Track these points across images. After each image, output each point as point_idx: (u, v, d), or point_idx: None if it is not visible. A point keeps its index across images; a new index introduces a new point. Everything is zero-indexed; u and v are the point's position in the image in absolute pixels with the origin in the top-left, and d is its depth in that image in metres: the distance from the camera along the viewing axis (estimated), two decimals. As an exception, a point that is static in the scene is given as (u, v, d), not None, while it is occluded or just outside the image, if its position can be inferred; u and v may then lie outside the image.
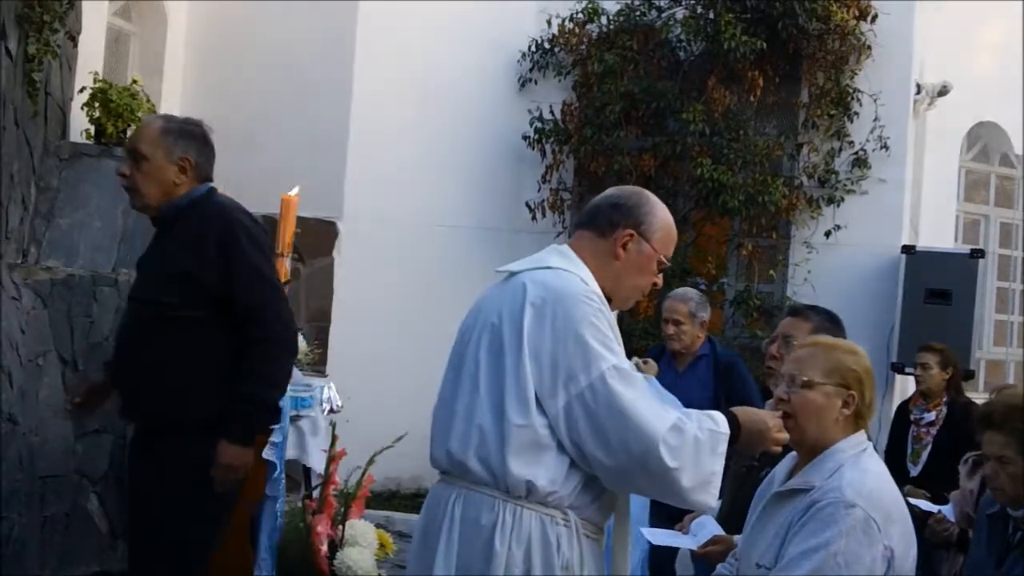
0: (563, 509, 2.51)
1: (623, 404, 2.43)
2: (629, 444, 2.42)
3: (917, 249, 7.78)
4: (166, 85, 7.80)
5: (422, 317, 7.74)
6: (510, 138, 8.12)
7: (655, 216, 2.70)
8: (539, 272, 2.60)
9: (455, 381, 2.62)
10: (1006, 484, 3.16)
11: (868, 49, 7.84)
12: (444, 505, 2.57)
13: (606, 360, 2.46)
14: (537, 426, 2.47)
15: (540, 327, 2.49)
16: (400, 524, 6.22)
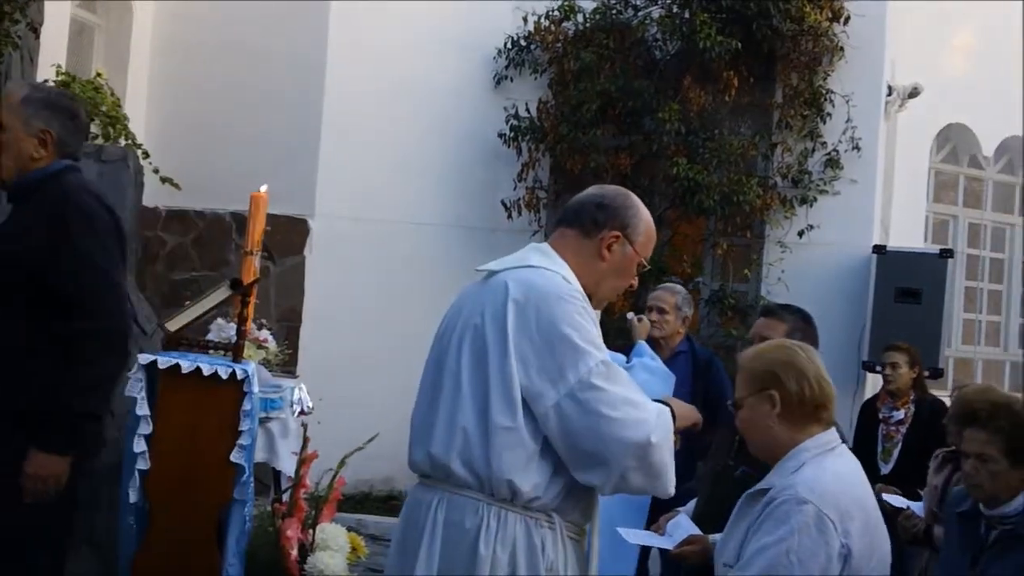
0: (548, 512, 2.50)
1: (613, 398, 2.44)
2: (625, 435, 2.44)
3: (888, 249, 7.84)
4: (131, 80, 7.70)
5: (396, 317, 7.68)
6: (486, 136, 8.07)
7: (640, 219, 2.70)
8: (520, 271, 2.57)
9: (436, 383, 2.58)
10: (985, 482, 3.17)
11: (841, 50, 7.88)
12: (426, 509, 2.53)
13: (593, 357, 2.46)
14: (523, 428, 2.45)
15: (524, 327, 2.47)
16: (373, 527, 6.16)
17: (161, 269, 7.98)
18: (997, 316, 10.41)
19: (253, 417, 4.21)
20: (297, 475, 4.46)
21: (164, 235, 8.01)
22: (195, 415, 4.20)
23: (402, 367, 7.73)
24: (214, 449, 4.16)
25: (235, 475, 4.18)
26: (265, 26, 7.77)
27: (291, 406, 4.79)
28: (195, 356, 4.28)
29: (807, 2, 7.69)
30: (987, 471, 3.15)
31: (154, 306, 6.96)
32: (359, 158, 7.79)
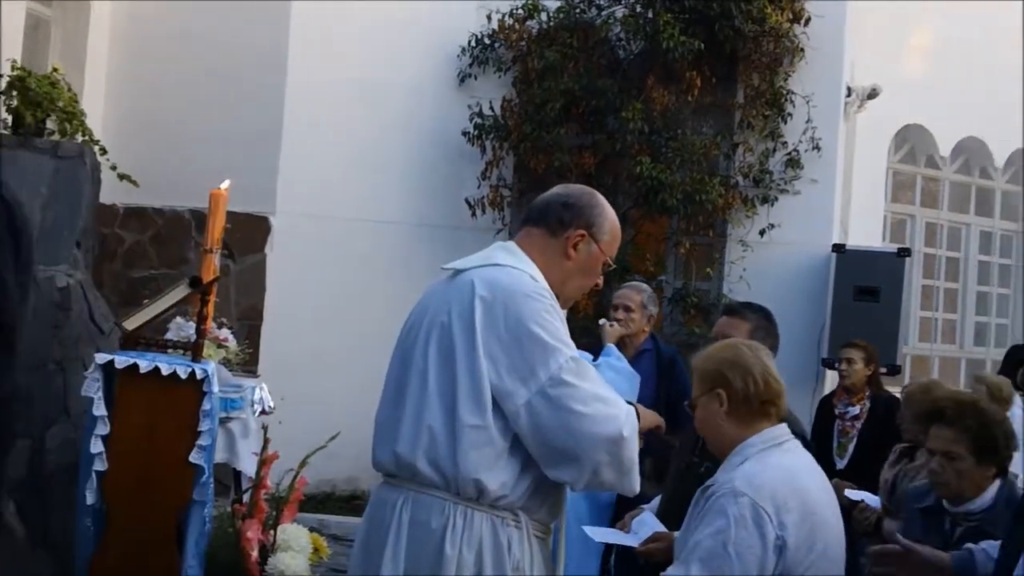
0: (514, 511, 2.49)
1: (584, 394, 2.44)
2: (598, 431, 2.44)
3: (847, 248, 7.92)
4: (88, 75, 7.59)
5: (358, 315, 7.63)
6: (449, 134, 8.04)
7: (606, 218, 2.70)
8: (487, 269, 2.57)
9: (401, 381, 2.57)
10: (952, 479, 3.20)
11: (801, 52, 7.94)
12: (391, 508, 2.51)
13: (562, 353, 2.46)
14: (492, 427, 2.44)
15: (492, 325, 2.47)
16: (335, 527, 6.11)
17: (119, 267, 7.87)
18: (953, 314, 10.55)
19: (213, 417, 4.18)
20: (258, 475, 4.42)
21: (122, 232, 7.90)
22: (153, 415, 4.16)
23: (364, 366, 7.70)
24: (173, 450, 4.12)
25: (194, 476, 4.14)
26: (226, 21, 7.69)
27: (252, 406, 4.75)
28: (153, 355, 4.24)
29: (768, 3, 7.75)
30: (953, 469, 3.19)
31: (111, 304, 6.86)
32: (321, 155, 7.73)
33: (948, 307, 10.52)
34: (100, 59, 7.71)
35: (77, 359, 4.83)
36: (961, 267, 10.63)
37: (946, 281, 10.51)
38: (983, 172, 10.76)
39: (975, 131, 10.25)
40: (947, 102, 9.70)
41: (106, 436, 4.11)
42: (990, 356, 10.57)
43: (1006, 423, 3.28)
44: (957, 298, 10.59)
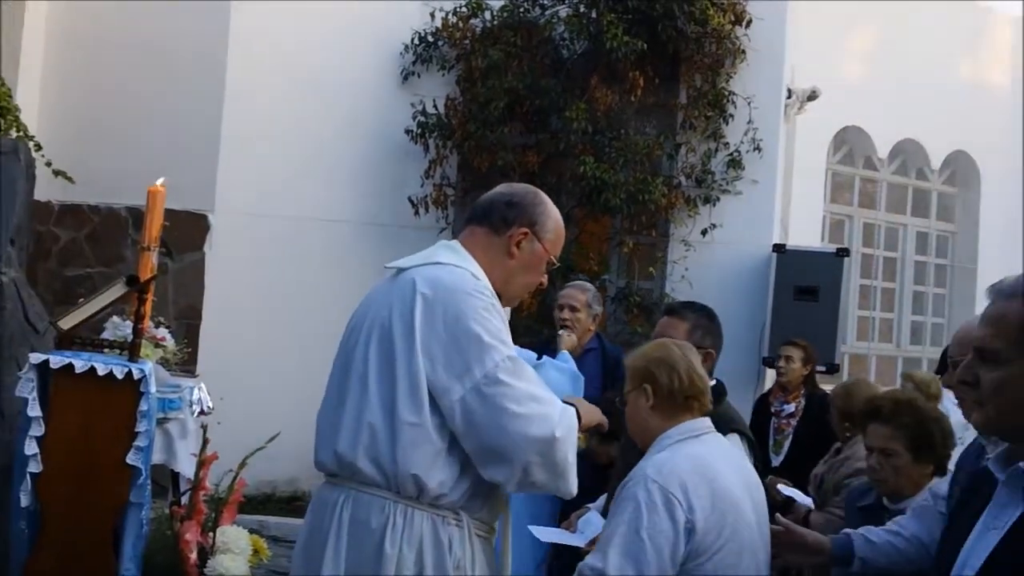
0: (455, 510, 2.49)
1: (518, 394, 2.44)
2: (529, 431, 2.42)
3: (787, 248, 8.02)
4: (23, 71, 7.45)
5: (299, 315, 7.57)
6: (392, 132, 8.01)
7: (549, 217, 2.71)
8: (428, 268, 2.58)
9: (342, 381, 2.56)
10: (889, 476, 3.26)
11: (743, 53, 8.03)
12: (331, 508, 2.51)
13: (499, 351, 2.46)
14: (429, 424, 2.44)
15: (431, 322, 2.46)
16: (275, 528, 6.06)
17: (54, 265, 7.74)
18: (890, 313, 10.75)
19: (150, 418, 4.12)
20: (197, 477, 4.36)
21: (57, 230, 7.76)
22: (89, 416, 4.10)
23: (305, 366, 7.67)
24: (110, 451, 4.06)
25: (132, 477, 4.09)
26: (165, 18, 7.59)
27: (190, 406, 4.69)
28: (89, 355, 4.17)
29: (710, 5, 7.82)
30: (891, 465, 3.25)
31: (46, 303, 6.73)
32: (261, 153, 7.66)
33: (885, 306, 10.71)
34: (36, 55, 7.57)
35: (11, 359, 4.74)
36: (898, 267, 10.82)
37: (883, 281, 10.69)
38: (920, 174, 10.97)
39: (912, 133, 10.44)
40: (885, 104, 9.87)
41: (41, 437, 4.03)
42: (926, 355, 10.79)
43: (943, 421, 3.35)
44: (894, 297, 10.79)
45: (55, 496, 4.06)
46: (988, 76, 10.80)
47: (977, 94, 10.55)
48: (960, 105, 10.32)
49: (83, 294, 5.60)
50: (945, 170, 11.04)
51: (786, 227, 8.78)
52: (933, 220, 11.07)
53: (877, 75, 9.85)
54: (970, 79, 10.62)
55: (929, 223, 11.04)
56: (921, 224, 10.98)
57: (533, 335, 5.28)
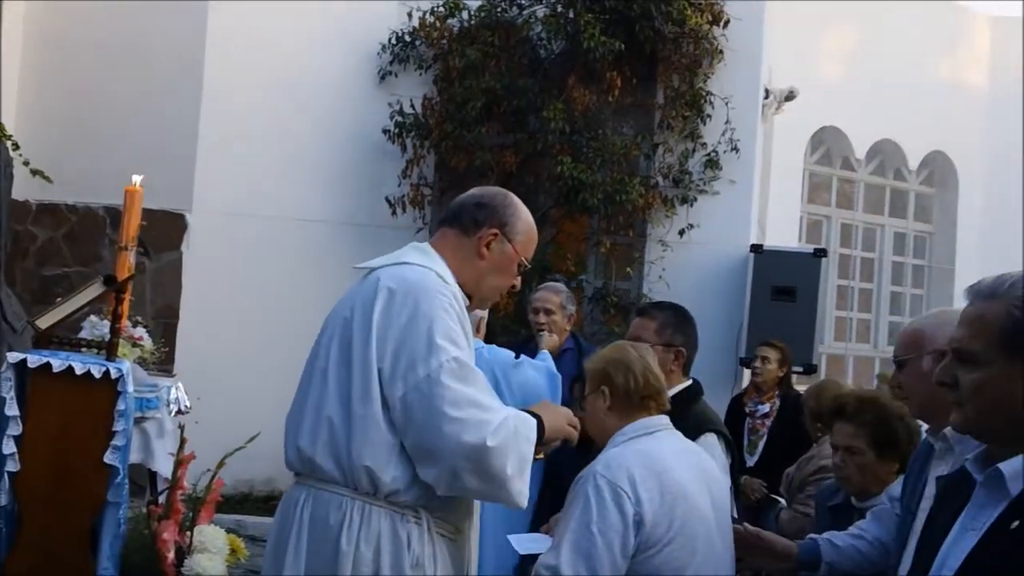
0: (415, 508, 2.47)
1: (456, 397, 2.40)
2: (462, 436, 2.38)
3: (764, 248, 8.04)
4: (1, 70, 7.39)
5: (276, 314, 7.57)
6: (370, 132, 8.01)
7: (519, 218, 2.70)
8: (395, 267, 2.58)
9: (307, 378, 2.57)
10: (853, 474, 3.29)
11: (720, 53, 8.06)
12: (294, 506, 2.51)
13: (446, 352, 2.43)
14: (380, 417, 2.43)
15: (388, 317, 2.46)
16: (252, 528, 6.06)
17: (31, 264, 7.71)
18: (867, 314, 10.80)
19: (128, 417, 4.12)
20: (174, 476, 4.36)
21: (35, 229, 7.74)
22: (67, 415, 4.09)
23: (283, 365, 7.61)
24: (87, 450, 4.06)
25: (109, 477, 4.08)
26: (142, 18, 7.58)
27: (168, 405, 4.69)
28: (67, 354, 4.16)
29: (688, 5, 7.84)
30: (855, 463, 3.29)
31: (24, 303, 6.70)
32: (239, 153, 7.65)
33: (863, 307, 10.76)
34: (14, 54, 7.53)
35: (-13, 358, 4.72)
36: (876, 267, 10.88)
37: (861, 281, 10.74)
38: (897, 174, 11.03)
39: (890, 134, 10.50)
40: (862, 105, 9.92)
41: (19, 436, 4.02)
42: (902, 354, 10.84)
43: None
44: (872, 298, 10.85)
45: (33, 495, 4.05)
46: (965, 76, 10.87)
47: (955, 94, 10.62)
48: (938, 105, 10.39)
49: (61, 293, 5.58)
50: (923, 170, 11.11)
51: (763, 227, 8.82)
52: (911, 221, 11.14)
53: (854, 75, 9.91)
54: (948, 79, 10.69)
55: (907, 224, 11.10)
56: (899, 225, 11.04)
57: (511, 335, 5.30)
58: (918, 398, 2.61)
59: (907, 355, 2.61)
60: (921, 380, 2.55)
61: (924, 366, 2.55)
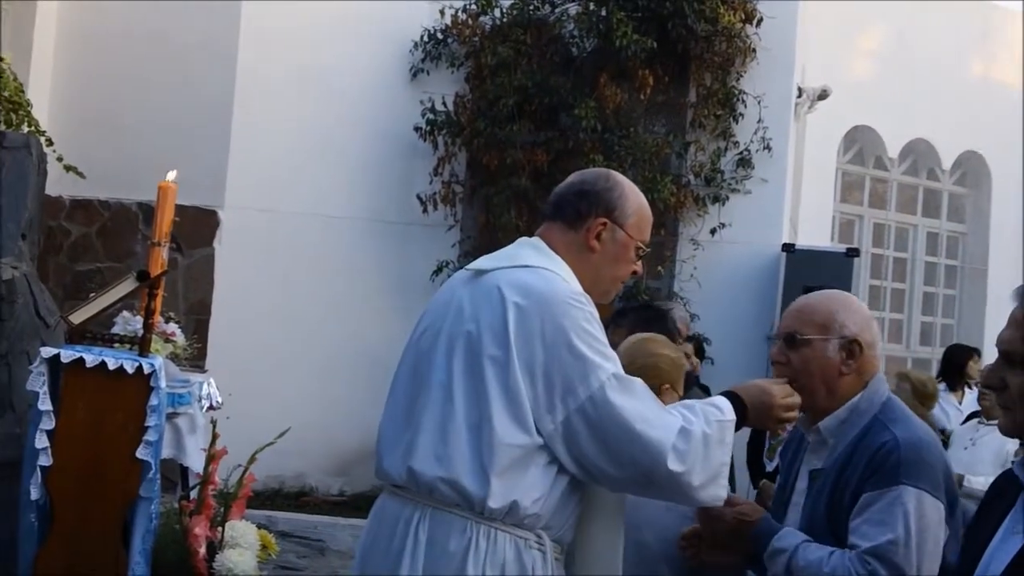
0: (536, 531, 2.31)
1: (626, 416, 2.24)
2: (636, 456, 2.24)
3: (796, 247, 7.99)
4: (35, 65, 7.48)
5: (308, 311, 7.59)
6: (401, 129, 8.01)
7: (627, 200, 2.46)
8: (516, 271, 2.35)
9: (418, 390, 2.36)
10: None
11: (753, 52, 8.02)
12: (405, 525, 2.32)
13: (604, 370, 2.25)
14: (531, 446, 2.26)
15: (529, 337, 2.26)
16: (283, 524, 6.08)
17: (64, 260, 7.77)
18: (900, 314, 10.72)
19: (160, 412, 4.12)
20: (206, 471, 4.36)
21: (68, 225, 7.79)
22: (100, 410, 4.09)
23: (314, 361, 7.72)
24: (119, 445, 4.06)
25: (141, 472, 4.08)
26: (175, 15, 7.62)
27: (199, 401, 4.69)
28: (100, 350, 4.17)
29: (721, 3, 7.80)
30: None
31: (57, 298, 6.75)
32: (271, 149, 7.68)
33: (895, 307, 10.68)
34: (47, 50, 7.60)
35: (22, 353, 4.74)
36: (908, 267, 10.80)
37: (893, 281, 10.67)
38: (931, 174, 10.94)
39: (923, 133, 10.42)
40: (896, 104, 9.85)
41: (51, 431, 4.03)
42: (935, 356, 10.75)
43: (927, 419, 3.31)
44: (904, 298, 10.77)
45: (65, 490, 4.06)
46: (999, 75, 10.76)
47: (988, 94, 10.51)
48: (971, 105, 10.29)
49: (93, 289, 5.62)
50: (956, 170, 11.01)
51: (795, 227, 8.77)
52: (944, 221, 11.04)
53: (888, 74, 9.83)
54: (981, 78, 10.59)
55: (940, 224, 11.01)
56: (932, 225, 10.96)
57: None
58: (810, 381, 2.46)
59: (813, 335, 2.46)
60: (821, 363, 2.45)
61: (829, 350, 2.45)
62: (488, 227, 7.64)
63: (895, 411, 2.45)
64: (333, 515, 6.93)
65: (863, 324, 2.49)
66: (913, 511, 2.29)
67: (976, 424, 5.92)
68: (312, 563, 6.08)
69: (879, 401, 2.46)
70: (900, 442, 2.35)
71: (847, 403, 2.46)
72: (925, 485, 2.31)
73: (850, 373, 2.46)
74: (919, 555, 2.29)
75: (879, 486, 2.32)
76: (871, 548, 2.29)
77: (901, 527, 2.28)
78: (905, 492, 2.30)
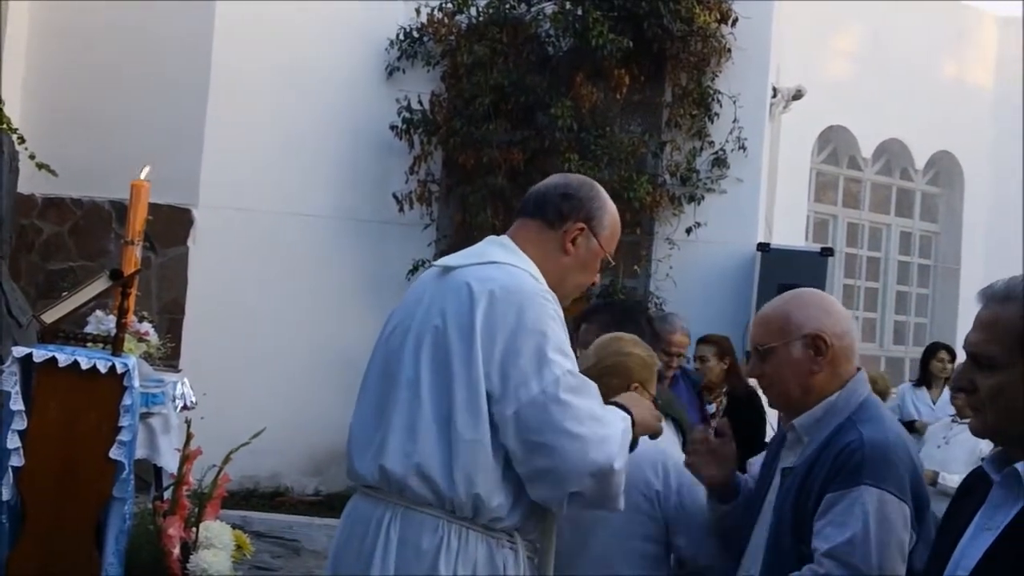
0: (509, 531, 2.32)
1: (579, 412, 2.26)
2: (587, 454, 2.24)
3: (771, 247, 8.03)
4: (6, 63, 7.37)
5: (282, 310, 7.56)
6: (377, 127, 7.99)
7: (606, 212, 2.51)
8: (484, 268, 2.37)
9: (387, 389, 2.37)
10: None
11: (728, 52, 8.05)
12: (376, 525, 2.32)
13: (559, 366, 2.27)
14: (488, 441, 2.26)
15: (493, 331, 2.28)
16: (258, 524, 6.05)
17: (36, 258, 7.69)
18: (873, 313, 10.81)
19: (133, 412, 4.09)
20: (180, 472, 4.34)
21: (40, 223, 7.72)
22: (72, 410, 4.07)
23: (289, 361, 7.69)
24: (93, 445, 4.03)
25: (115, 472, 4.05)
26: (149, 11, 7.56)
27: (173, 401, 4.66)
28: (73, 349, 4.14)
29: (696, 3, 7.83)
30: None
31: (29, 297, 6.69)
32: (246, 147, 7.63)
33: (868, 306, 10.77)
34: (19, 46, 7.52)
35: (-8, 353, 4.71)
36: (881, 267, 10.89)
37: (867, 280, 10.75)
38: (904, 174, 11.03)
39: (897, 133, 10.51)
40: (869, 104, 9.93)
41: (23, 431, 4.00)
42: (908, 354, 10.85)
43: None
44: (877, 297, 10.85)
45: (37, 490, 4.03)
46: (972, 77, 10.87)
47: (961, 95, 10.62)
48: (944, 106, 10.39)
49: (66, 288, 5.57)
50: (929, 170, 11.11)
51: (770, 226, 8.82)
52: (917, 220, 11.14)
53: (862, 75, 9.90)
54: (954, 80, 10.69)
55: (913, 223, 11.10)
56: (905, 224, 11.05)
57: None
58: (785, 386, 2.46)
59: (774, 342, 2.45)
60: (791, 367, 2.44)
61: (794, 352, 2.43)
62: (464, 226, 7.62)
63: (869, 411, 2.43)
64: (308, 515, 6.90)
65: (821, 318, 2.46)
66: (873, 511, 2.25)
67: (950, 423, 5.95)
68: (287, 563, 6.06)
69: (856, 401, 2.44)
70: (865, 442, 2.32)
71: (824, 401, 2.44)
72: (888, 486, 2.27)
73: (822, 370, 2.43)
74: (879, 556, 2.24)
75: (841, 487, 2.29)
76: (828, 550, 2.25)
77: (860, 526, 2.24)
78: (866, 492, 2.26)
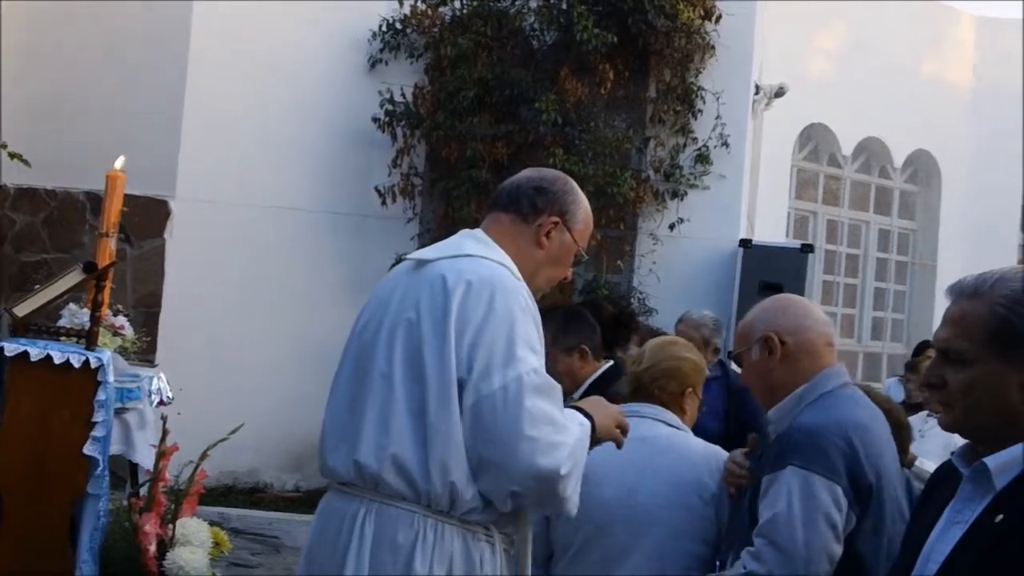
0: (485, 524, 2.31)
1: (535, 414, 2.23)
2: (535, 458, 2.21)
3: (753, 243, 8.06)
4: (-20, 52, 7.27)
5: (260, 304, 7.49)
6: (359, 120, 7.91)
7: (579, 206, 2.53)
8: (459, 260, 2.36)
9: (360, 382, 2.35)
10: None
11: (712, 49, 8.04)
12: (350, 521, 2.29)
13: (525, 363, 2.25)
14: (459, 430, 2.24)
15: (464, 319, 2.26)
16: (236, 520, 5.99)
17: (9, 250, 7.59)
18: (852, 309, 10.86)
19: (108, 407, 4.03)
20: (156, 468, 4.27)
21: (12, 214, 7.62)
22: (46, 405, 4.01)
23: (268, 355, 7.61)
24: (66, 441, 3.98)
25: (89, 468, 4.00)
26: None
27: (149, 396, 4.59)
28: (46, 343, 4.07)
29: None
30: None
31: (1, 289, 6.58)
32: (224, 139, 7.54)
33: (847, 302, 10.82)
34: (-8, 35, 7.39)
35: (-36, 346, 4.62)
36: (860, 263, 10.94)
37: (846, 277, 10.80)
38: (883, 172, 11.08)
39: (876, 132, 10.55)
40: (850, 102, 9.96)
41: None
42: (886, 350, 10.92)
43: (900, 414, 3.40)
44: (856, 293, 10.90)
45: (10, 486, 3.97)
46: (950, 76, 10.93)
47: (939, 94, 10.68)
48: (923, 104, 10.45)
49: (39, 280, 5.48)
50: (907, 168, 11.17)
51: (752, 222, 8.82)
52: (895, 218, 11.20)
53: (843, 73, 9.93)
54: (933, 79, 10.74)
55: (891, 220, 11.16)
56: (883, 221, 11.11)
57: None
58: (755, 388, 2.64)
59: (739, 349, 2.65)
60: (753, 369, 2.61)
61: (753, 355, 2.60)
62: (447, 220, 7.57)
63: (827, 400, 2.54)
64: (288, 511, 6.85)
65: (776, 318, 2.60)
66: (797, 490, 2.37)
67: (925, 416, 6.00)
68: (266, 560, 6.00)
69: (821, 391, 2.55)
70: (797, 427, 2.46)
71: (792, 394, 2.56)
72: (815, 467, 2.38)
73: (775, 367, 2.56)
74: (806, 532, 2.35)
75: (772, 470, 2.44)
76: (757, 528, 2.41)
77: (784, 504, 2.37)
78: (791, 472, 2.39)
